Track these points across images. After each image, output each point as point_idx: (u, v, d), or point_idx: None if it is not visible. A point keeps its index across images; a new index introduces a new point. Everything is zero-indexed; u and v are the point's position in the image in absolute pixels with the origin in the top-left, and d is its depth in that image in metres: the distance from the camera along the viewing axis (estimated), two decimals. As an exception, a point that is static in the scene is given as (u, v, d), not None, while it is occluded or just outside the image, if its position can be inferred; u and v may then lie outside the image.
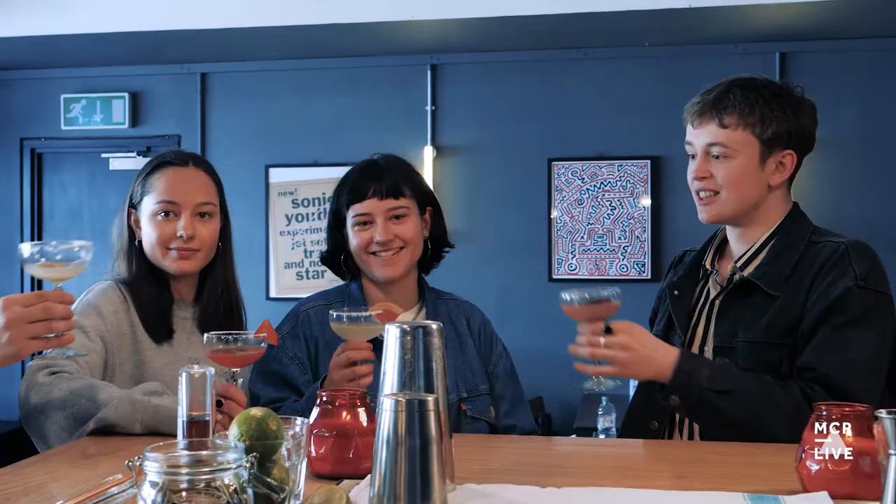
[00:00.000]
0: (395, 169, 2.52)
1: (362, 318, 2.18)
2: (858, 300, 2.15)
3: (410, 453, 1.35)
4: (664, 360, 2.10)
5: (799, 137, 2.32)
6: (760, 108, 2.26)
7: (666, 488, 1.65)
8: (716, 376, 2.09)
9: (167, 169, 2.52)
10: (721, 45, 5.98)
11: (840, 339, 2.13)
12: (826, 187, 5.92)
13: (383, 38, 5.95)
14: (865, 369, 2.13)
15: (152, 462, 1.17)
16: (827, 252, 2.24)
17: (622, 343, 2.07)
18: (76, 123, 6.79)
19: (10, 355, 1.83)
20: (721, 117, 2.26)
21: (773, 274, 2.24)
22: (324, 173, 6.37)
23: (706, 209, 2.32)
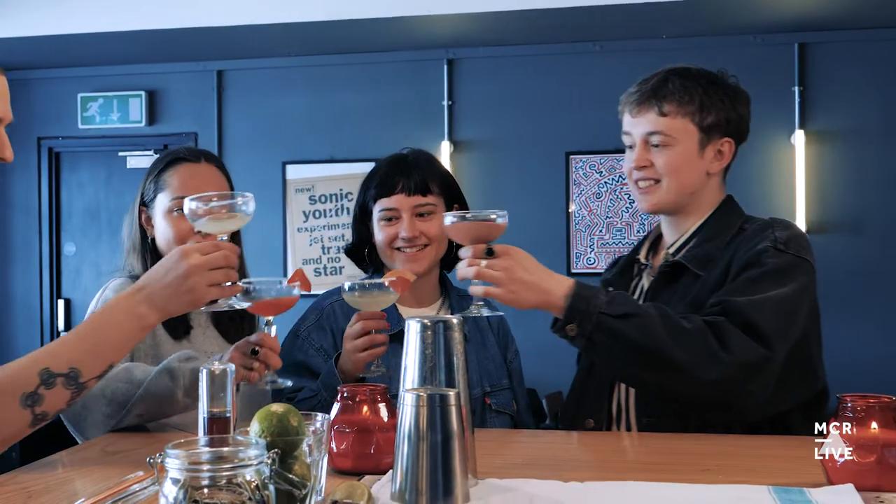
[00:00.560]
0: (424, 165, 2.52)
1: (375, 286, 2.17)
2: (774, 258, 2.14)
3: (432, 448, 1.34)
4: (554, 289, 2.03)
5: (736, 126, 2.33)
6: (699, 95, 2.26)
7: (690, 482, 1.63)
8: (614, 300, 2.04)
9: (180, 165, 2.51)
10: (740, 36, 5.95)
11: (751, 286, 2.10)
12: (847, 177, 5.89)
13: (399, 33, 5.94)
14: (774, 309, 2.08)
15: (174, 459, 1.16)
16: (751, 230, 2.24)
17: (504, 265, 2.00)
18: (93, 122, 6.81)
19: (190, 302, 1.85)
20: (660, 105, 2.25)
21: (701, 255, 2.24)
22: (341, 169, 6.38)
23: (647, 198, 2.30)
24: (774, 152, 5.92)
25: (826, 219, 5.86)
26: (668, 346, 2.00)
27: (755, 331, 2.03)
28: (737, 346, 2.01)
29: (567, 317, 2.03)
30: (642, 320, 2.02)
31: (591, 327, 2.02)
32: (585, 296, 2.03)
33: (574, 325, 2.03)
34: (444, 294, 2.61)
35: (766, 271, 2.12)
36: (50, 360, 1.70)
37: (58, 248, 6.96)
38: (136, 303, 1.81)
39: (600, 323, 2.01)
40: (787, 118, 5.90)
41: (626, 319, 2.02)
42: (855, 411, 1.56)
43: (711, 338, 2.01)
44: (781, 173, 5.91)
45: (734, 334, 2.02)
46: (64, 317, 6.90)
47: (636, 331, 2.01)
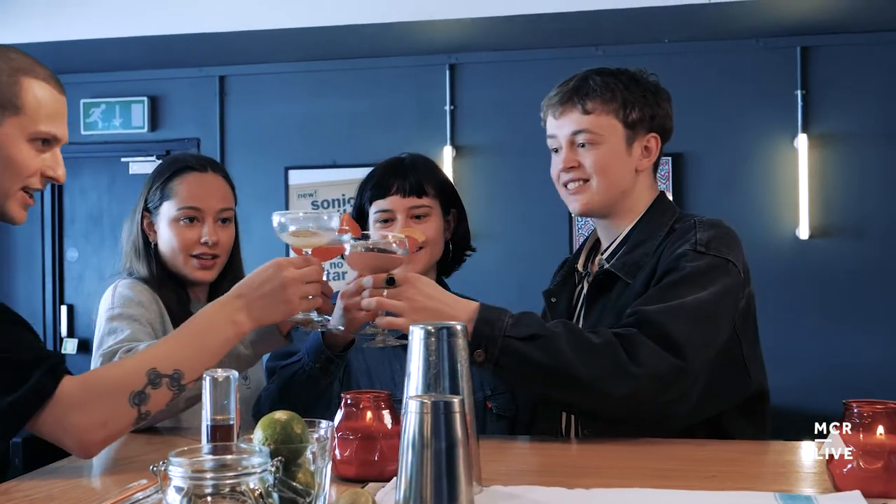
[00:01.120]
0: (421, 168, 2.51)
1: (380, 245, 2.08)
2: (692, 262, 2.10)
3: (436, 455, 1.33)
4: (458, 314, 1.99)
5: (661, 122, 2.32)
6: (621, 92, 2.25)
7: (696, 488, 1.63)
8: (519, 322, 2.00)
9: (188, 174, 2.52)
10: (742, 40, 5.93)
11: (667, 293, 2.07)
12: (850, 181, 5.88)
13: (401, 38, 5.94)
14: (689, 315, 2.03)
15: (177, 467, 1.16)
16: (677, 232, 2.21)
17: (406, 294, 1.99)
18: (95, 128, 6.81)
19: (285, 312, 1.95)
20: (583, 103, 2.24)
21: (630, 263, 2.21)
22: (343, 174, 6.37)
23: (577, 198, 2.27)
24: (777, 156, 5.92)
25: (829, 222, 5.85)
26: (574, 365, 1.96)
27: (667, 341, 1.99)
28: (647, 358, 1.97)
29: (473, 343, 1.98)
30: (548, 341, 1.98)
31: (496, 351, 1.98)
32: (490, 319, 2.00)
33: (481, 351, 1.99)
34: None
35: (684, 276, 2.08)
36: (157, 362, 1.82)
37: (60, 254, 6.96)
38: (235, 310, 1.92)
39: (505, 346, 1.98)
40: (790, 122, 5.89)
41: (532, 341, 1.99)
42: (861, 417, 1.55)
43: (621, 351, 1.97)
44: (784, 177, 5.90)
45: (644, 345, 1.98)
46: (66, 322, 6.89)
47: (542, 352, 1.98)
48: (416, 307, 1.98)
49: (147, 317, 2.37)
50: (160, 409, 1.84)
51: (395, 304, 1.98)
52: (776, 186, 5.91)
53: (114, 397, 1.77)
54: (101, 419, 1.76)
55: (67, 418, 1.74)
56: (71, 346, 6.80)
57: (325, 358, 2.20)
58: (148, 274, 2.50)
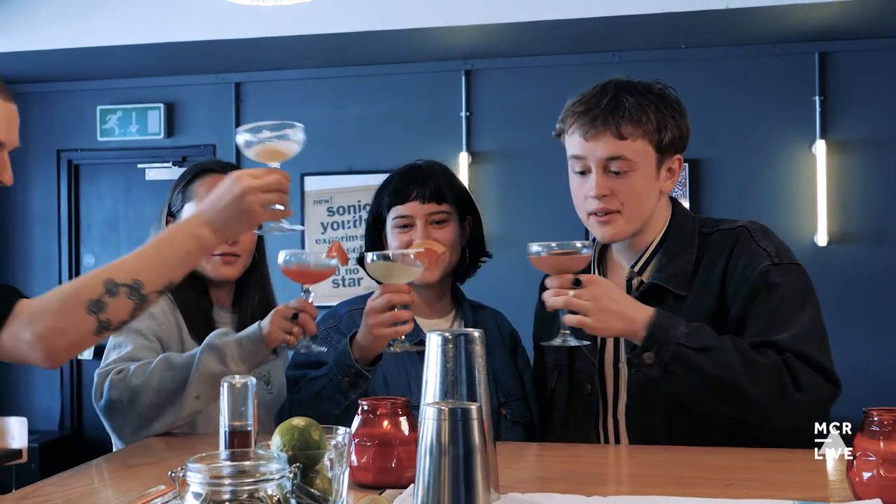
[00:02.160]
0: (439, 174, 2.51)
1: (399, 256, 2.14)
2: (780, 276, 2.11)
3: (454, 462, 1.33)
4: (637, 316, 2.02)
5: (685, 141, 2.25)
6: (654, 113, 2.16)
7: (713, 496, 1.62)
8: (692, 333, 2.02)
9: (208, 176, 2.55)
10: (760, 45, 5.92)
11: (785, 314, 2.08)
12: (869, 187, 5.86)
13: (417, 44, 5.94)
14: (820, 338, 2.08)
15: (195, 473, 1.16)
16: (724, 239, 2.20)
17: (592, 294, 2.00)
18: (112, 135, 6.83)
19: (247, 222, 1.97)
20: (618, 126, 2.12)
21: (677, 274, 2.19)
22: (359, 181, 6.38)
23: (606, 229, 2.21)
24: (795, 162, 5.90)
25: (848, 229, 5.83)
26: (744, 382, 1.99)
27: (817, 368, 2.02)
28: (809, 384, 2.00)
29: (645, 345, 2.01)
30: (720, 354, 2.00)
31: (668, 357, 2.01)
32: (665, 325, 2.02)
33: (651, 354, 2.02)
34: (456, 305, 2.60)
35: (784, 297, 2.09)
36: (114, 273, 1.85)
37: (77, 260, 6.98)
38: (197, 224, 1.95)
39: (677, 354, 2.00)
40: (808, 128, 5.87)
41: (704, 353, 2.01)
42: (881, 425, 1.53)
43: (786, 374, 2.00)
44: (803, 183, 5.88)
45: (804, 372, 2.01)
46: (83, 328, 6.90)
47: (713, 364, 2.00)
48: (600, 307, 2.00)
49: (156, 329, 2.40)
50: (123, 321, 1.86)
51: (582, 304, 1.99)
52: (794, 193, 5.89)
53: (70, 306, 1.81)
54: (61, 326, 1.79)
55: (27, 329, 1.79)
56: (87, 352, 6.82)
57: (354, 372, 2.20)
58: None
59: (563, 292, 2.00)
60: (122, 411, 2.23)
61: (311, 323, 2.18)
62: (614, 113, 2.13)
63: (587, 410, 2.30)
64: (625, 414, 2.24)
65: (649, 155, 2.16)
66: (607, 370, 2.27)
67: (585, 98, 2.20)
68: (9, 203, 7.02)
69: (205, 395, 2.22)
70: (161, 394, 2.21)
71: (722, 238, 2.21)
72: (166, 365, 2.24)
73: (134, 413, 2.21)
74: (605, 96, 2.16)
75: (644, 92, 2.18)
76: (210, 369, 2.20)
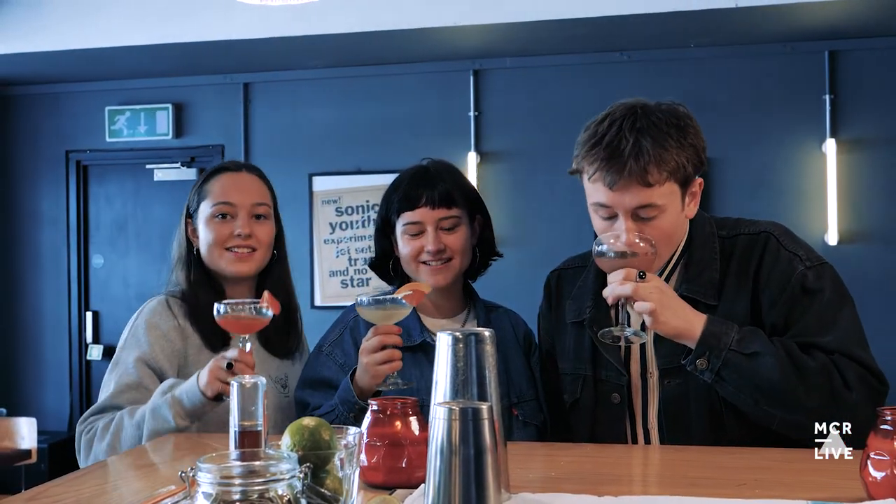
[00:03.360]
0: (447, 177, 2.50)
1: (388, 300, 2.19)
2: (816, 280, 2.12)
3: (465, 462, 1.33)
4: (692, 320, 2.03)
5: (704, 159, 2.18)
6: (674, 149, 2.08)
7: (726, 496, 1.61)
8: (745, 338, 2.03)
9: (221, 175, 2.60)
10: (769, 44, 5.90)
11: (825, 316, 2.10)
12: (879, 186, 5.84)
13: (425, 44, 5.93)
14: (861, 337, 2.11)
15: (206, 473, 1.16)
16: (749, 246, 2.20)
17: (657, 286, 2.01)
18: (121, 135, 6.83)
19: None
20: (643, 175, 2.05)
21: (707, 283, 2.18)
22: (367, 181, 6.38)
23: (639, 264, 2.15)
24: (805, 161, 5.88)
25: (858, 228, 5.81)
26: (796, 386, 2.00)
27: (865, 367, 2.04)
28: (858, 383, 2.01)
29: (698, 351, 2.03)
30: (771, 360, 2.01)
31: (719, 363, 2.02)
32: (717, 332, 2.03)
33: (704, 360, 2.03)
34: (469, 305, 2.60)
35: (824, 301, 2.11)
36: None
37: (86, 261, 6.99)
38: None
39: (729, 360, 2.02)
40: (818, 127, 5.86)
41: (756, 358, 2.02)
42: (894, 424, 1.53)
43: (837, 376, 2.01)
44: (813, 182, 5.86)
45: (851, 370, 2.02)
46: (92, 329, 6.92)
47: (765, 370, 2.01)
48: (663, 299, 2.01)
49: (153, 352, 2.43)
50: None
51: (648, 293, 2.00)
52: (804, 192, 5.88)
53: None
54: None
55: None
56: (96, 353, 6.83)
57: (358, 408, 2.24)
58: (185, 282, 2.57)
59: (629, 281, 2.00)
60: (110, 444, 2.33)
61: (247, 371, 2.15)
62: (638, 160, 2.05)
63: (616, 420, 2.27)
64: (657, 426, 2.23)
65: (675, 194, 2.12)
66: (634, 380, 2.25)
67: (603, 141, 2.11)
68: (18, 204, 7.04)
69: None
70: (119, 451, 2.28)
71: (746, 244, 2.21)
72: (123, 424, 2.31)
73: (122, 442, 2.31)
74: (625, 141, 2.07)
75: (660, 125, 2.10)
76: (159, 429, 2.25)
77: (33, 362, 6.97)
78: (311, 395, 2.44)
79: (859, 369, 2.03)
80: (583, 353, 2.32)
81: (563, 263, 2.54)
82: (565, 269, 2.50)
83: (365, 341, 2.22)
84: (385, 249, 2.55)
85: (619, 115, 2.14)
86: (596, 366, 2.30)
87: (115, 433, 2.30)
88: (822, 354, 2.04)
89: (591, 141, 2.13)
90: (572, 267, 2.49)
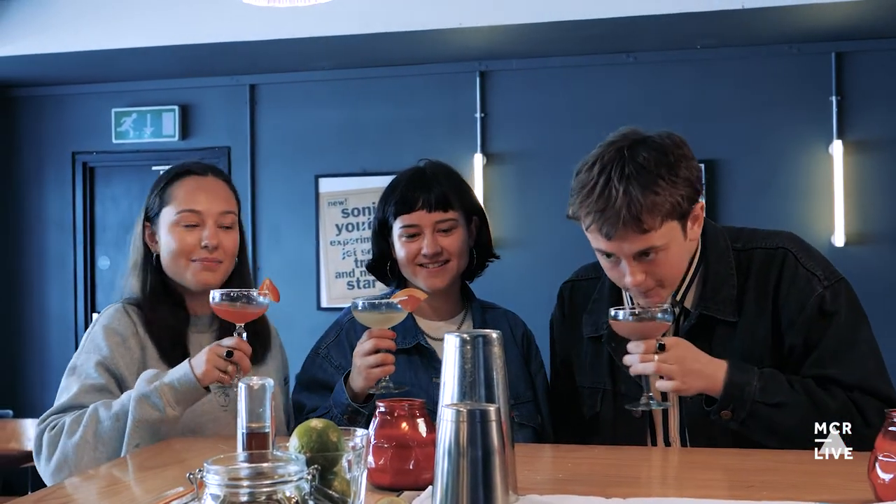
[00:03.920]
0: (444, 179, 2.50)
1: (383, 305, 2.20)
2: (833, 301, 2.14)
3: (472, 464, 1.32)
4: (714, 373, 2.05)
5: (699, 184, 2.15)
6: (667, 190, 2.05)
7: (734, 498, 1.61)
8: (766, 388, 2.05)
9: (187, 178, 2.45)
10: (776, 45, 5.90)
11: (841, 344, 2.12)
12: (886, 187, 5.84)
13: (432, 45, 5.94)
14: (879, 364, 2.14)
15: (213, 475, 1.16)
16: (767, 262, 2.20)
17: (676, 357, 2.02)
18: (127, 137, 6.84)
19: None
20: (638, 225, 2.03)
21: (725, 300, 2.19)
22: (374, 182, 6.37)
23: (653, 300, 2.15)
24: (812, 163, 5.87)
25: (865, 230, 5.80)
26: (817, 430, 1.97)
27: (883, 399, 2.06)
28: (876, 419, 1.98)
29: (723, 403, 2.05)
30: (793, 408, 2.05)
31: (744, 414, 2.05)
32: (739, 383, 2.05)
33: (729, 412, 2.06)
34: (466, 307, 2.60)
35: (841, 324, 2.14)
36: None
37: (92, 263, 7.00)
38: None
39: (754, 411, 2.05)
40: (825, 128, 5.85)
41: (780, 408, 2.05)
42: (903, 427, 1.52)
43: (857, 415, 2.04)
44: (819, 184, 5.86)
45: (871, 407, 2.05)
46: (98, 330, 6.92)
47: (788, 417, 2.05)
48: (685, 369, 2.03)
49: (113, 357, 2.31)
50: None
51: (669, 368, 2.02)
52: (811, 193, 5.87)
53: None
54: None
55: None
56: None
57: (351, 410, 2.25)
58: (141, 292, 2.43)
59: (649, 358, 2.01)
60: (61, 468, 2.16)
61: (245, 361, 2.15)
62: (630, 209, 2.02)
63: (637, 434, 2.27)
64: (679, 441, 2.23)
65: (675, 229, 2.10)
66: (654, 396, 2.25)
67: (594, 192, 2.08)
68: (24, 206, 7.05)
69: (144, 442, 2.15)
70: (98, 447, 2.15)
71: (763, 259, 2.21)
72: (98, 416, 2.17)
73: (74, 468, 2.14)
74: (615, 191, 2.04)
75: (649, 167, 2.05)
76: (146, 418, 2.14)
77: (39, 364, 6.98)
78: (308, 398, 2.44)
79: (878, 404, 2.03)
80: (601, 367, 2.33)
81: (575, 274, 2.53)
82: (578, 280, 2.50)
83: (359, 344, 2.24)
84: (383, 251, 2.56)
85: (607, 160, 2.09)
86: (615, 380, 2.31)
87: (88, 426, 2.16)
88: (841, 392, 2.07)
89: (584, 191, 2.11)
90: (586, 279, 2.47)
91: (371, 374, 2.19)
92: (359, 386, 2.23)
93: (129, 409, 2.15)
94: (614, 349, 2.23)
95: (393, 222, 2.49)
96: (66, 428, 2.17)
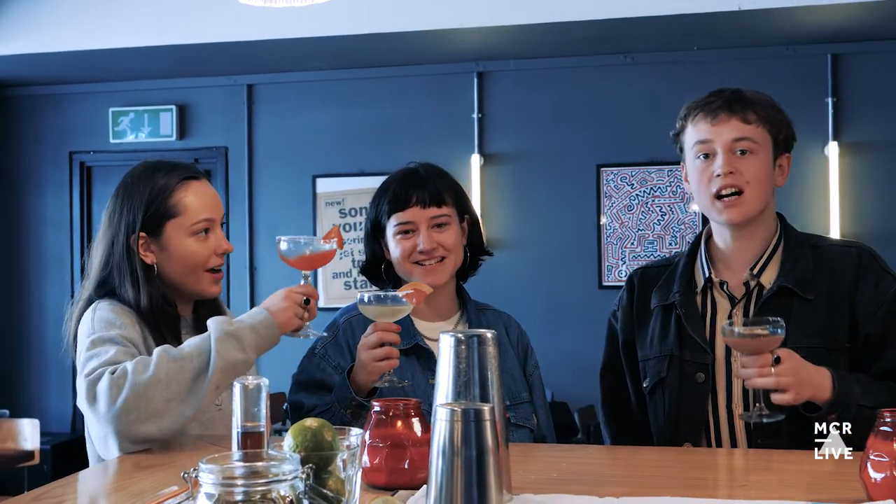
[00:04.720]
0: (436, 177, 2.51)
1: (389, 298, 2.20)
2: None
3: (467, 463, 1.33)
4: (821, 381, 2.11)
5: (792, 144, 2.40)
6: (771, 109, 2.33)
7: (727, 497, 1.62)
8: (867, 392, 2.12)
9: (191, 184, 2.35)
10: (772, 47, 5.91)
11: None
12: (881, 189, 5.86)
13: (429, 46, 5.94)
14: None
15: (208, 474, 1.16)
16: (844, 257, 2.32)
17: (790, 369, 2.06)
18: (124, 137, 6.85)
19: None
20: (744, 113, 2.28)
21: (803, 278, 2.28)
22: (371, 182, 6.33)
23: (733, 210, 2.29)
24: (808, 164, 5.88)
25: (860, 231, 5.81)
26: None
27: None
28: None
29: (829, 408, 2.09)
30: None
31: (849, 418, 2.05)
32: (844, 389, 2.11)
33: (835, 416, 2.07)
34: (461, 307, 2.60)
35: None
36: None
37: (90, 262, 7.00)
38: None
39: (859, 415, 2.06)
40: (821, 129, 5.86)
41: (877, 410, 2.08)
42: (894, 426, 1.53)
43: None
44: (815, 185, 5.87)
45: None
46: (96, 330, 6.92)
47: None
48: (799, 381, 2.07)
49: (130, 336, 2.18)
50: None
51: (787, 382, 2.05)
52: (806, 195, 5.88)
53: None
54: None
55: None
56: (100, 354, 6.83)
57: (355, 404, 2.25)
58: (146, 302, 2.27)
59: (767, 372, 2.05)
60: (129, 410, 2.00)
61: (315, 308, 2.25)
62: (740, 101, 2.29)
63: (700, 399, 2.30)
64: (742, 407, 2.27)
65: (768, 143, 2.30)
66: (719, 360, 2.31)
67: (707, 96, 2.34)
68: (21, 205, 7.05)
69: (223, 385, 2.07)
70: (172, 386, 2.02)
71: (839, 254, 2.33)
72: (169, 357, 2.05)
73: (144, 411, 2.00)
74: (728, 91, 2.33)
75: (761, 94, 2.35)
76: (231, 358, 2.05)
77: (36, 364, 6.98)
78: (307, 398, 2.43)
79: None
80: (668, 334, 2.38)
81: (644, 265, 2.64)
82: (648, 267, 2.59)
83: (364, 337, 2.24)
84: (376, 253, 2.56)
85: None
86: (682, 347, 2.36)
87: (160, 364, 2.03)
88: None
89: (695, 100, 2.36)
90: (656, 266, 2.58)
91: (375, 367, 2.20)
92: (363, 380, 2.24)
93: (205, 349, 2.06)
94: (685, 315, 2.34)
95: (386, 222, 2.49)
96: (132, 368, 2.02)
